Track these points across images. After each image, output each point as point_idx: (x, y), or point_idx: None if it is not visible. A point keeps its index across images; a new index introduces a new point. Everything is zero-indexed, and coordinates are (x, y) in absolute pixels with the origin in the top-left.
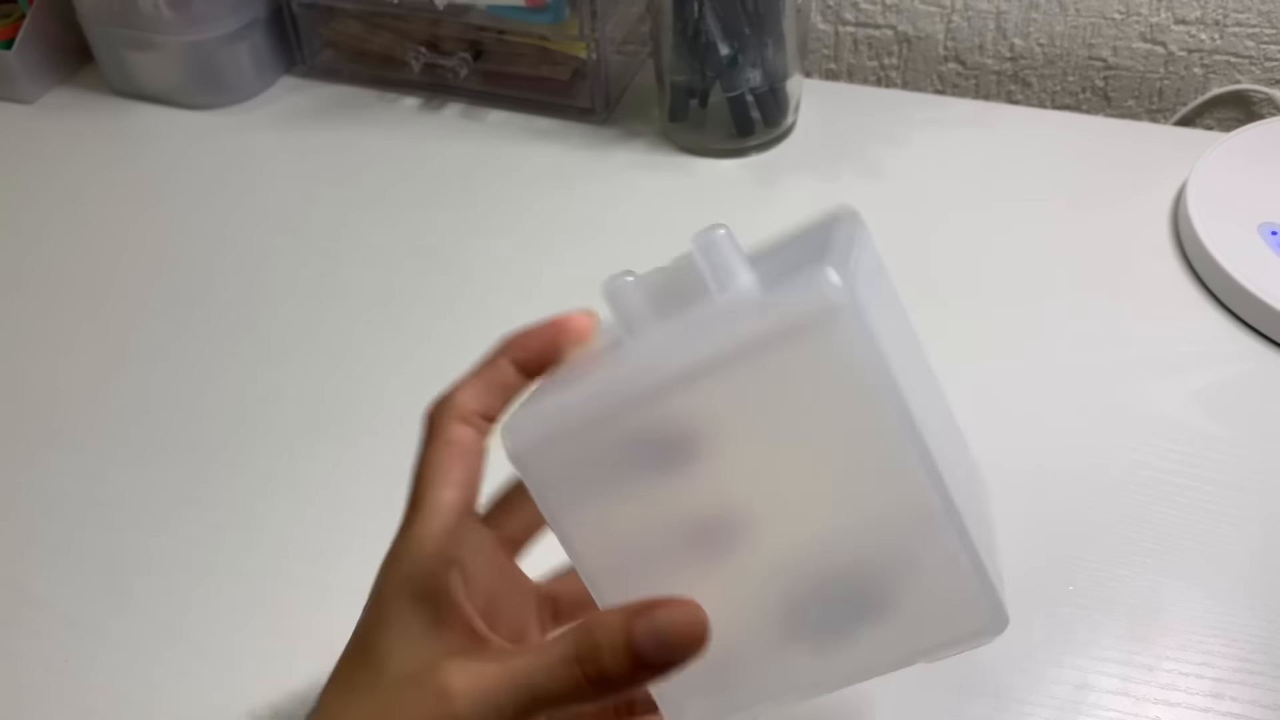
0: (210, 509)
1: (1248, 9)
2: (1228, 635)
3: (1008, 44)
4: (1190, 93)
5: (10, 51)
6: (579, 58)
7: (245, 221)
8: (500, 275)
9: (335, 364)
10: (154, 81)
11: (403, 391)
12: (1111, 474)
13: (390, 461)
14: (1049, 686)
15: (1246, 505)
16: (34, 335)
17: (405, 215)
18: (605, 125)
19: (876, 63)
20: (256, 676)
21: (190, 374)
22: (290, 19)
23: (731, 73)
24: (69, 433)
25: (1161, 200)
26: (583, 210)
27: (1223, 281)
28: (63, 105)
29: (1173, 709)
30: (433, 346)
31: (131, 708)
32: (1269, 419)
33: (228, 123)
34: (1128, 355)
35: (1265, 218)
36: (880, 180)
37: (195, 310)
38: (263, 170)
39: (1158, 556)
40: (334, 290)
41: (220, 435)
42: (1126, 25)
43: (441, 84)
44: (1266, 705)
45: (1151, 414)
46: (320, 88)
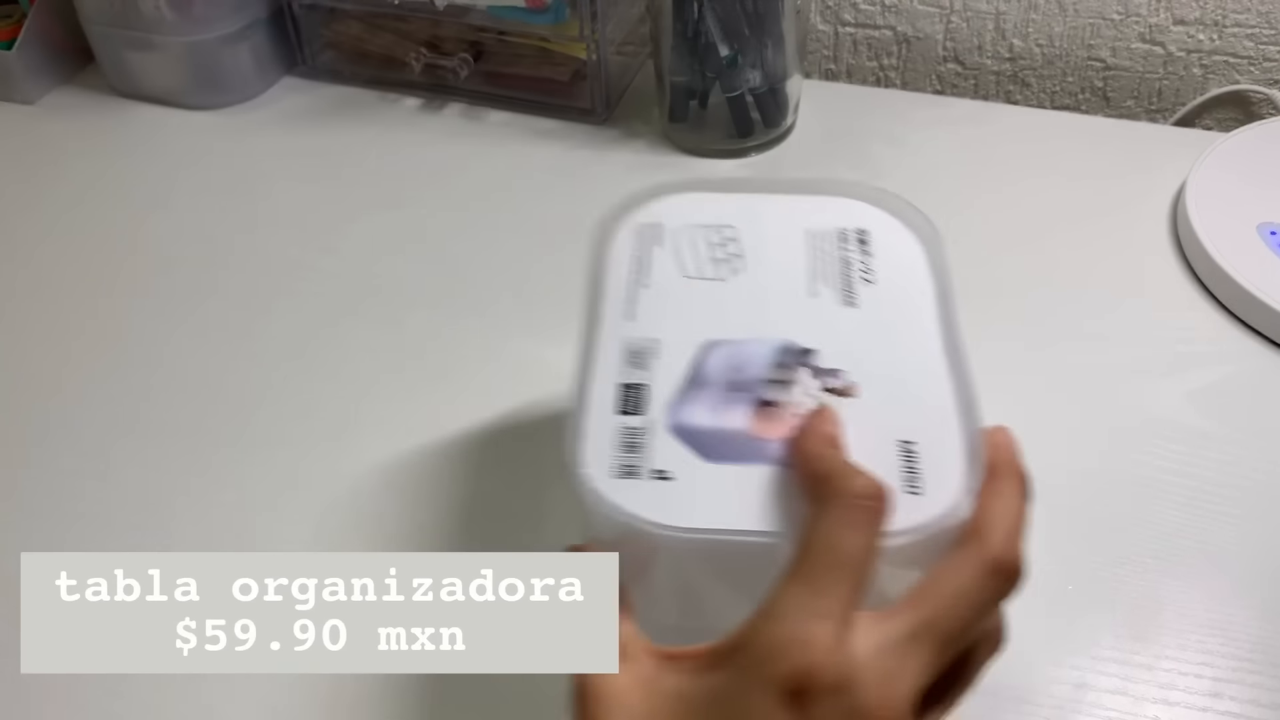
0: (209, 507)
1: (1246, 9)
2: (1227, 634)
3: (1007, 44)
4: (1189, 93)
5: (11, 52)
6: (579, 58)
7: (246, 222)
8: (500, 275)
9: (335, 364)
10: (155, 82)
11: (402, 391)
12: (1110, 473)
13: (388, 460)
14: (1048, 686)
15: (1245, 505)
16: (34, 335)
17: (405, 215)
18: (605, 126)
19: (876, 63)
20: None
21: (190, 374)
22: (291, 20)
23: (731, 73)
24: (68, 431)
25: (1160, 200)
26: (583, 210)
27: (1222, 281)
28: (64, 106)
29: (1171, 708)
30: (433, 347)
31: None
32: (1267, 419)
33: (229, 123)
34: (1126, 355)
35: (1264, 218)
36: (879, 180)
37: (196, 310)
38: (264, 171)
39: (1156, 556)
40: (334, 290)
41: (220, 434)
42: (1125, 26)
43: (442, 85)
44: (1265, 704)
45: (1150, 413)
46: (321, 88)
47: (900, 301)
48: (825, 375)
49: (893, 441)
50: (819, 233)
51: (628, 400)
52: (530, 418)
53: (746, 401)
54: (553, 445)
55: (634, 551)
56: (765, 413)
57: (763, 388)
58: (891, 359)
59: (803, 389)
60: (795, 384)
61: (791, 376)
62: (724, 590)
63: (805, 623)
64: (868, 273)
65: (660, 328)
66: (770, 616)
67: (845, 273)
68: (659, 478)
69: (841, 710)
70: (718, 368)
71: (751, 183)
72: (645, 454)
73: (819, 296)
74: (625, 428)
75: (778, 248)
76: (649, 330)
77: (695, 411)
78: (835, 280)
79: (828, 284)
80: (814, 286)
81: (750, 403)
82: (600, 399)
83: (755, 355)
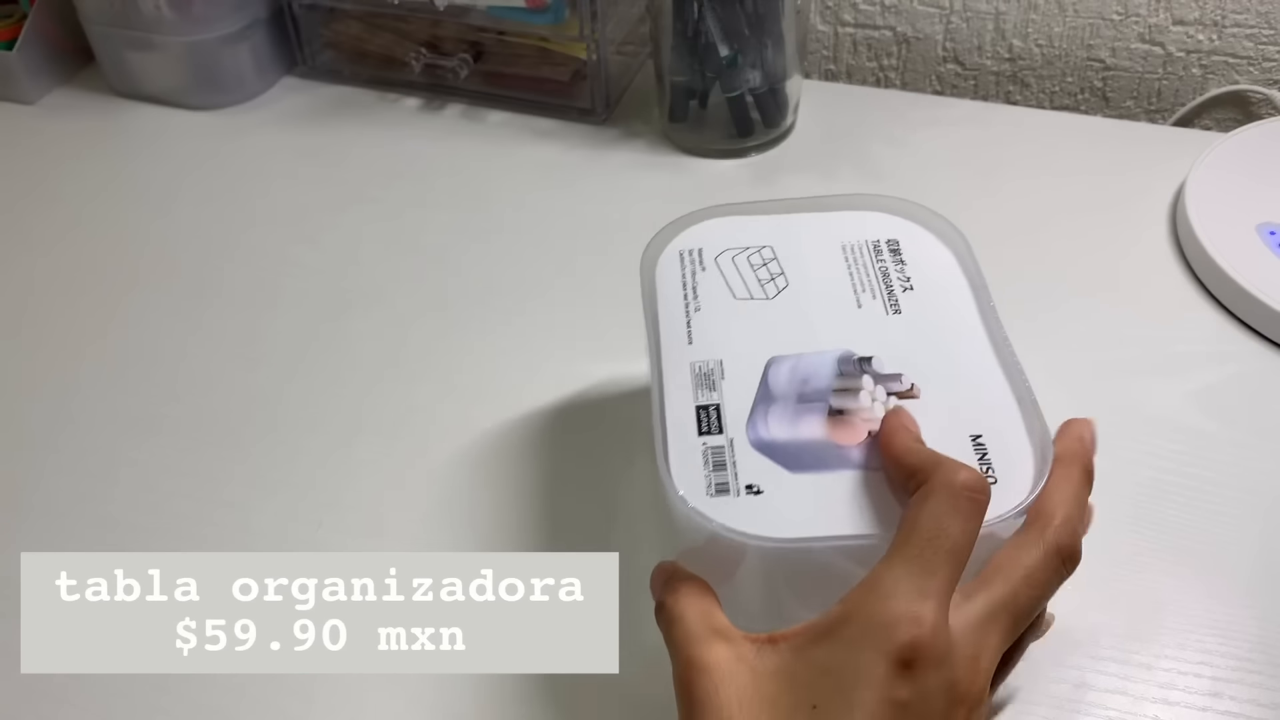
0: (207, 507)
1: (1246, 10)
2: (1226, 634)
3: (1006, 45)
4: (1189, 93)
5: (12, 52)
6: (579, 58)
7: (246, 222)
8: (500, 275)
9: (335, 363)
10: (155, 82)
11: (402, 391)
12: (1110, 473)
13: (387, 460)
14: (1047, 685)
15: (1245, 505)
16: (34, 335)
17: (405, 215)
18: (605, 125)
19: (875, 63)
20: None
21: (190, 374)
22: (291, 20)
23: (731, 73)
24: (68, 431)
25: (1160, 201)
26: (583, 210)
27: (1221, 282)
28: (64, 106)
29: (1171, 708)
30: (433, 347)
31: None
32: (1267, 419)
33: (229, 123)
34: (1126, 355)
35: (1264, 218)
36: (879, 181)
37: (196, 310)
38: (264, 171)
39: (1156, 556)
40: (334, 290)
41: (219, 434)
42: (1125, 26)
43: (442, 85)
44: (1265, 704)
45: (1150, 413)
46: (321, 88)
47: (941, 304)
48: (887, 380)
49: (964, 436)
50: (853, 246)
51: (705, 421)
52: (531, 417)
53: (818, 411)
54: (554, 445)
55: (724, 560)
56: (838, 420)
57: (831, 397)
58: (944, 359)
59: (869, 394)
60: (861, 390)
61: (856, 384)
62: (810, 589)
63: (916, 601)
64: (906, 280)
65: (721, 349)
66: (881, 594)
67: (886, 282)
68: (751, 492)
69: (942, 682)
70: (784, 382)
71: (779, 204)
72: (733, 470)
73: (864, 307)
74: (709, 447)
75: (817, 263)
76: (711, 353)
77: (772, 425)
78: (878, 290)
79: (871, 294)
80: (858, 297)
81: (822, 412)
82: (679, 422)
83: (818, 367)
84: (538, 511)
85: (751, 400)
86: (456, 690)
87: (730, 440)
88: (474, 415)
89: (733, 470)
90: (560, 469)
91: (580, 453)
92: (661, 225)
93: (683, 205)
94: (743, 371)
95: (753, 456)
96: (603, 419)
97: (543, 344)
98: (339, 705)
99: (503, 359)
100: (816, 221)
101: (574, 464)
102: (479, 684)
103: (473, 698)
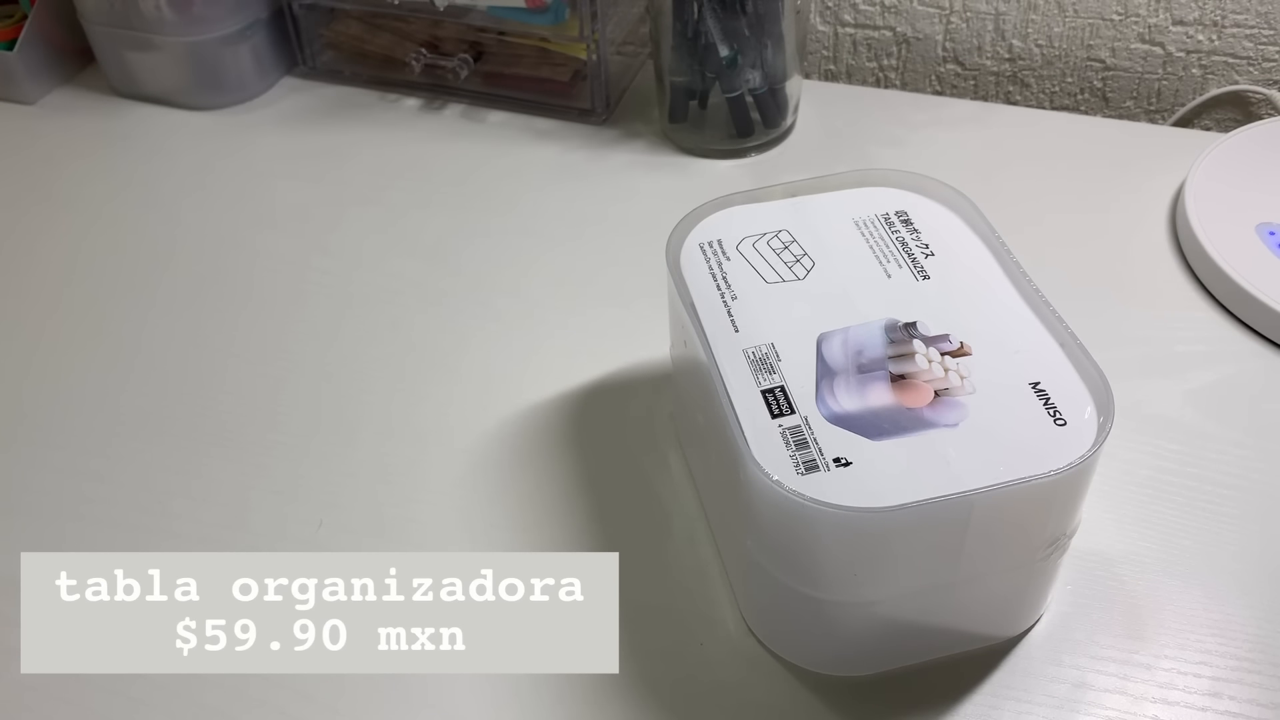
0: (207, 507)
1: (1246, 10)
2: (1226, 634)
3: (1006, 45)
4: (1188, 93)
5: (12, 52)
6: (579, 59)
7: (246, 222)
8: (500, 275)
9: (335, 363)
10: (155, 82)
11: (402, 391)
12: (1109, 473)
13: (387, 460)
14: (1047, 685)
15: (1244, 505)
16: (33, 334)
17: (405, 215)
18: (605, 126)
19: (875, 64)
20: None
21: (191, 373)
22: (291, 20)
23: (731, 74)
24: (68, 431)
25: (1160, 201)
26: (583, 210)
27: (1221, 281)
28: (64, 106)
29: (1171, 708)
30: (432, 346)
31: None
32: (1267, 419)
33: (229, 123)
34: (1126, 355)
35: (1263, 218)
36: None
37: (196, 310)
38: (264, 171)
39: (1156, 555)
40: (334, 290)
41: (219, 434)
42: (1125, 26)
43: (442, 85)
44: (1264, 704)
45: (1149, 413)
46: (321, 89)
47: (964, 265)
48: (937, 341)
49: (1024, 385)
50: (865, 220)
51: (774, 404)
52: (531, 417)
53: (880, 379)
54: (554, 445)
55: (806, 535)
56: (902, 385)
57: (889, 364)
58: (981, 316)
59: (924, 357)
60: (915, 354)
61: (908, 349)
62: (885, 555)
63: None
64: (925, 247)
65: (769, 333)
66: None
67: (906, 251)
68: (840, 465)
69: None
70: (839, 356)
71: (784, 187)
72: (816, 447)
73: (894, 276)
74: (785, 428)
75: (835, 241)
76: (760, 338)
77: (841, 398)
78: (901, 259)
79: (896, 263)
80: (885, 268)
81: (884, 379)
82: (748, 409)
83: (868, 337)
84: (538, 511)
85: (814, 378)
86: (456, 690)
87: (805, 418)
88: (474, 415)
89: (815, 447)
90: (561, 469)
91: (581, 452)
92: (662, 225)
93: (683, 205)
94: (795, 352)
95: (831, 431)
96: (604, 418)
97: (543, 344)
98: (339, 705)
99: (503, 359)
100: (825, 201)
101: (575, 464)
102: (479, 684)
103: (473, 698)
